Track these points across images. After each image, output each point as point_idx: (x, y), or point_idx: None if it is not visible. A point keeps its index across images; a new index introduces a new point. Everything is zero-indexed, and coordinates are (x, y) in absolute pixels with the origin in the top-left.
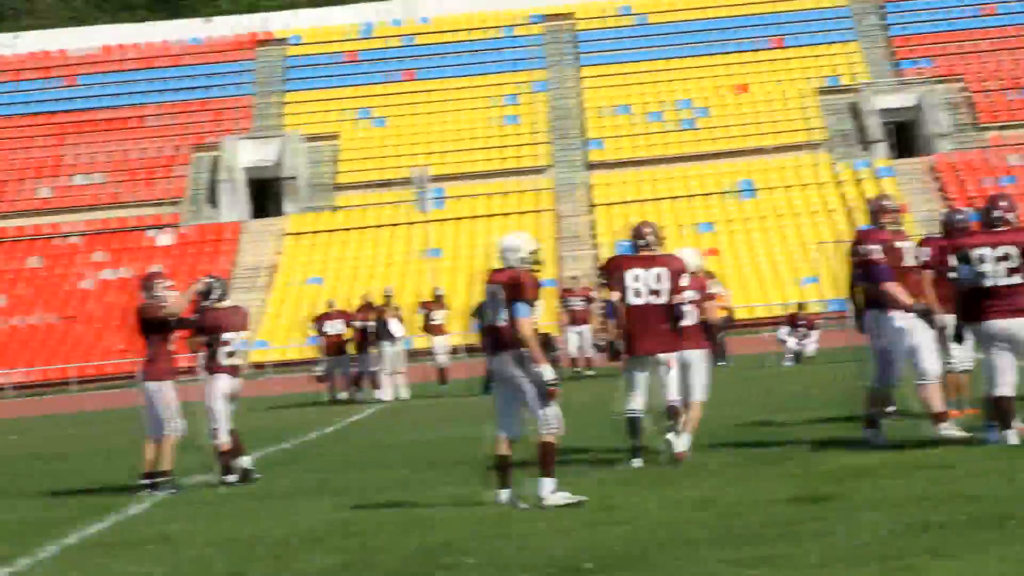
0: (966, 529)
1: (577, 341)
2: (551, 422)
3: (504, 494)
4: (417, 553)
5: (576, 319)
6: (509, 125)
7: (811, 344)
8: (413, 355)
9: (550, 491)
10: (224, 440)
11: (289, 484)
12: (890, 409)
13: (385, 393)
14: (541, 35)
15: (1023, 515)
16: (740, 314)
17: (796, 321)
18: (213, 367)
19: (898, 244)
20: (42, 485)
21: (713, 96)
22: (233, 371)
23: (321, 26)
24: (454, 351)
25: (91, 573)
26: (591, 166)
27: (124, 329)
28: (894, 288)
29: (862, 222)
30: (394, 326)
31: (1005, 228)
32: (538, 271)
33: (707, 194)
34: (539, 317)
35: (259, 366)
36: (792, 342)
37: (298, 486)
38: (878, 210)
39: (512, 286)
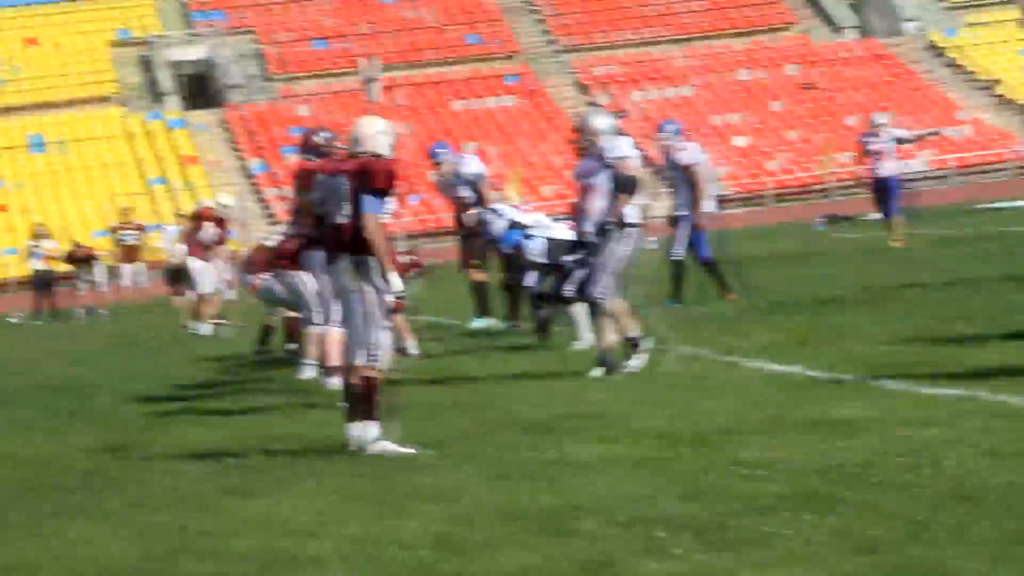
0: (266, 468)
1: None
2: (378, 351)
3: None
4: None
5: None
6: None
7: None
8: None
9: (375, 437)
10: None
11: None
12: None
13: None
14: None
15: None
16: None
17: (76, 258)
18: None
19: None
20: None
21: (3, 49)
22: None
23: None
24: None
25: None
26: None
27: None
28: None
29: (155, 175)
30: None
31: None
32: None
33: None
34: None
35: None
36: (85, 286)
37: None
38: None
39: (361, 174)
